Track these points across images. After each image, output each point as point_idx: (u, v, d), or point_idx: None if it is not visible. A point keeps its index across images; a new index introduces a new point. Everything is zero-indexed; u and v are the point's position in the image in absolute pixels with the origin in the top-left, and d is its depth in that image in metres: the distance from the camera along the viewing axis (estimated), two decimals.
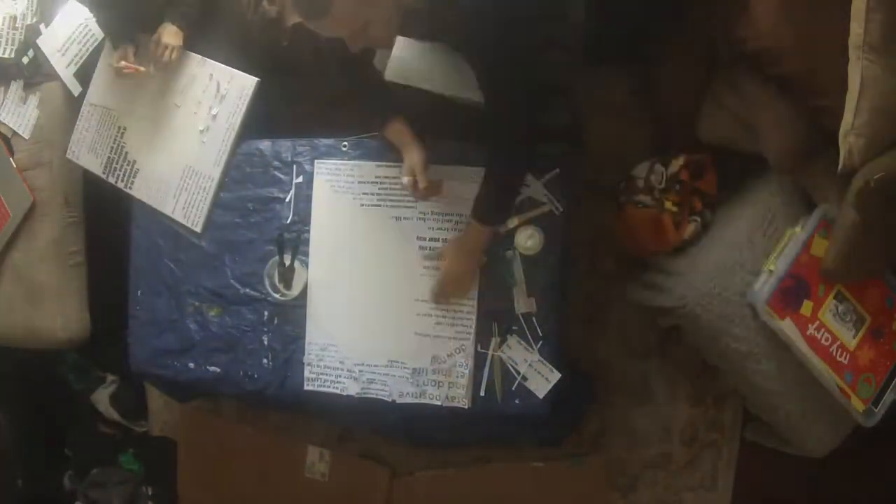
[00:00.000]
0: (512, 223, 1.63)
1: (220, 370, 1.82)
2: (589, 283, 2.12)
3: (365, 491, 2.20)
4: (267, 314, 1.79)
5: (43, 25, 2.13)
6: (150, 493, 2.36)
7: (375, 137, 1.70)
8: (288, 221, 1.78)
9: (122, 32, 1.90)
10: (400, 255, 1.69)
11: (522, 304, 1.63)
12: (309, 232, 1.75)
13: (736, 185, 1.82)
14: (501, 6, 1.34)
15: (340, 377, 1.72)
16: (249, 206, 1.82)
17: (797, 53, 1.49)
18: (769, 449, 1.93)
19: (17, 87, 2.17)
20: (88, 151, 2.03)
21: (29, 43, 2.12)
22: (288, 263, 1.74)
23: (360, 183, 1.72)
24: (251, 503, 2.29)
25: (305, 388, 1.74)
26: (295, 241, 1.76)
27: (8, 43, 2.14)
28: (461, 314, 1.65)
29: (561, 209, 1.63)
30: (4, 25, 2.14)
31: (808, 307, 1.64)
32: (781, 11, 1.48)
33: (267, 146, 1.81)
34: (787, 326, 1.62)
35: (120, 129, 1.98)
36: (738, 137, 1.76)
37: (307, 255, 1.75)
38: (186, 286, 1.86)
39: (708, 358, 1.88)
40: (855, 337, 1.68)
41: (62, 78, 2.10)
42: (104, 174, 2.00)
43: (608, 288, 2.11)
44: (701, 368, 2.09)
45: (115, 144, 1.99)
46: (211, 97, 1.85)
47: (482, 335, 1.65)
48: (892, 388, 1.70)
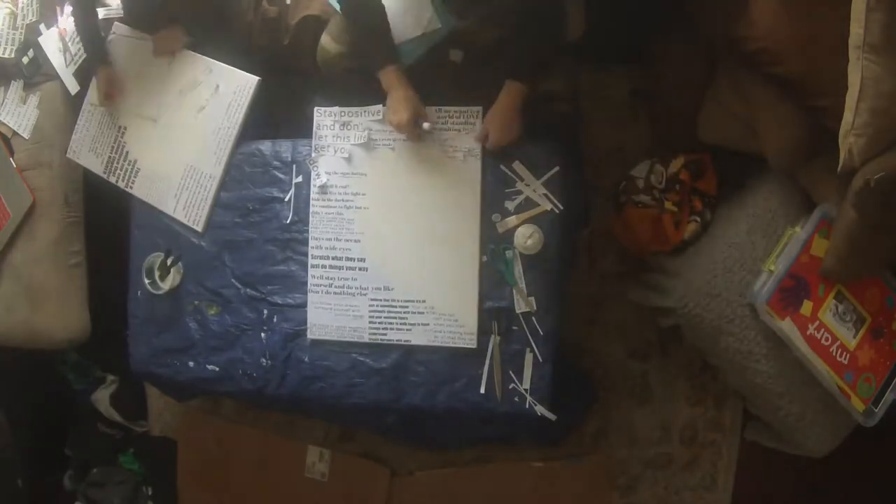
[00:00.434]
0: (511, 222, 1.63)
1: (219, 369, 1.82)
2: (589, 283, 2.12)
3: (365, 491, 2.20)
4: (266, 313, 1.79)
5: (43, 25, 2.13)
6: (150, 493, 2.36)
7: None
8: (288, 221, 1.78)
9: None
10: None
11: (522, 303, 1.63)
12: (308, 231, 1.75)
13: (736, 185, 1.82)
14: None
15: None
16: (249, 205, 1.81)
17: (797, 53, 1.49)
18: (769, 449, 1.93)
19: (17, 87, 2.16)
20: (89, 151, 2.03)
21: (29, 43, 2.12)
22: (169, 264, 1.85)
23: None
24: (251, 503, 2.29)
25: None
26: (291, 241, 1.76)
27: (8, 43, 2.14)
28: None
29: (560, 208, 1.63)
30: (4, 25, 2.14)
31: (808, 307, 1.64)
32: (781, 11, 1.49)
33: (267, 146, 1.81)
34: (787, 326, 1.62)
35: (120, 128, 1.98)
36: (738, 137, 1.76)
37: (306, 254, 1.75)
38: (186, 285, 1.86)
39: (708, 358, 1.88)
40: (855, 337, 1.68)
41: (62, 78, 2.10)
42: (105, 174, 2.00)
43: (608, 288, 2.11)
44: (701, 368, 2.10)
45: (115, 144, 1.99)
46: (212, 96, 1.86)
47: (482, 334, 1.65)
48: (892, 387, 1.70)
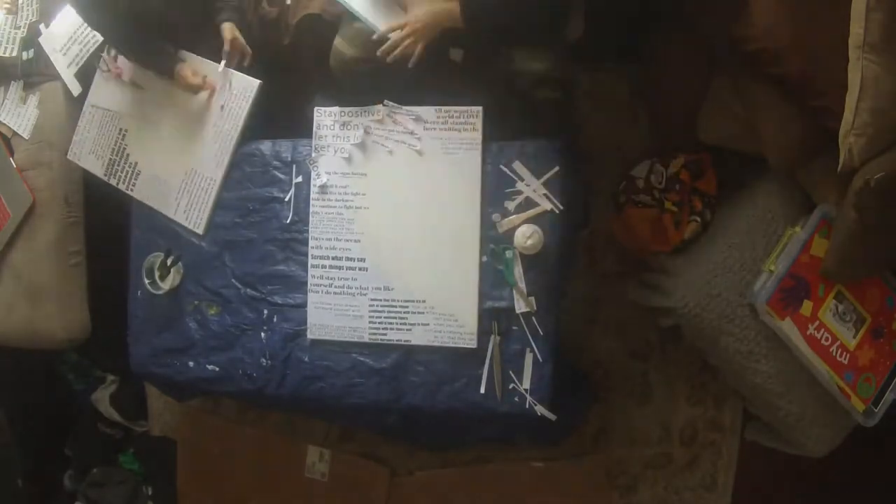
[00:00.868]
0: (511, 222, 1.63)
1: (219, 369, 1.82)
2: (589, 283, 2.12)
3: (365, 491, 2.20)
4: (266, 313, 1.79)
5: (43, 25, 2.13)
6: (150, 493, 2.36)
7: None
8: (288, 221, 1.78)
9: (164, 57, 1.85)
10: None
11: (522, 303, 1.63)
12: (308, 231, 1.75)
13: (736, 185, 1.82)
14: None
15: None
16: (249, 206, 1.81)
17: (796, 53, 1.49)
18: (769, 449, 1.93)
19: (17, 87, 2.16)
20: (90, 153, 2.03)
21: (29, 42, 2.12)
22: (169, 264, 1.84)
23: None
24: (251, 503, 2.29)
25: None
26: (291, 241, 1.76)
27: (8, 42, 2.14)
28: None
29: (560, 208, 1.63)
30: (5, 24, 2.14)
31: (808, 307, 1.64)
32: (780, 11, 1.49)
33: (267, 146, 1.81)
34: (787, 326, 1.62)
35: (121, 130, 1.98)
36: (738, 137, 1.76)
37: (306, 254, 1.75)
38: (186, 285, 1.86)
39: (708, 358, 1.87)
40: (855, 337, 1.68)
41: (63, 78, 2.09)
42: (105, 176, 2.00)
43: (608, 288, 2.11)
44: (701, 368, 2.10)
45: (116, 146, 1.98)
46: (213, 99, 1.84)
47: (482, 334, 1.65)
48: (892, 387, 1.71)
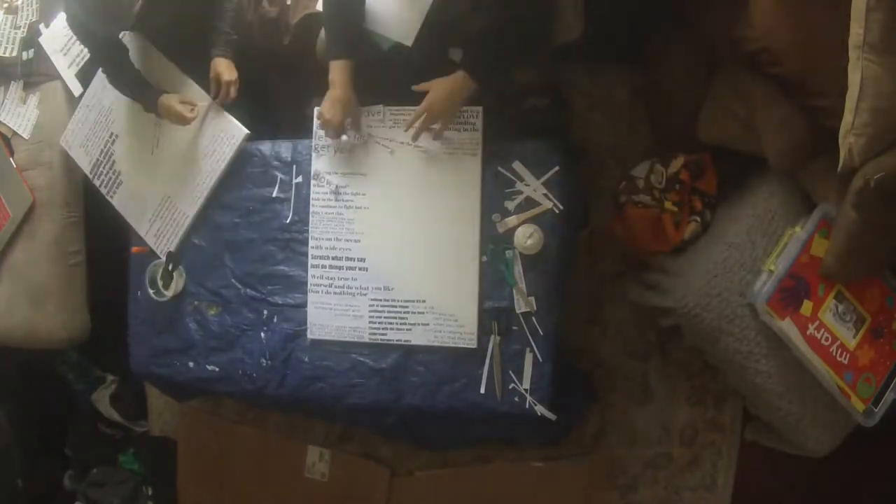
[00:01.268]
0: (511, 222, 1.63)
1: (219, 369, 1.82)
2: (589, 283, 2.12)
3: (365, 491, 2.20)
4: (266, 313, 1.79)
5: (43, 25, 2.13)
6: (150, 493, 2.36)
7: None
8: (288, 221, 1.78)
9: (148, 91, 1.83)
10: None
11: (522, 303, 1.63)
12: (308, 231, 1.75)
13: (736, 185, 1.82)
14: None
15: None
16: (249, 205, 1.81)
17: (796, 53, 1.49)
18: (769, 449, 1.93)
19: (17, 87, 2.16)
20: (80, 146, 2.02)
21: (29, 42, 2.12)
22: (170, 269, 1.83)
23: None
24: (251, 503, 2.29)
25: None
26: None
27: (8, 42, 2.14)
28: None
29: (560, 208, 1.63)
30: (5, 24, 2.14)
31: (808, 307, 1.64)
32: (780, 11, 1.48)
33: (267, 146, 1.81)
34: (787, 326, 1.62)
35: (112, 135, 1.97)
36: (738, 137, 1.76)
37: (306, 255, 1.75)
38: (186, 286, 1.86)
39: (708, 358, 1.87)
40: (855, 337, 1.68)
41: (63, 78, 2.10)
42: (90, 175, 2.00)
43: (608, 288, 2.11)
44: (701, 368, 2.09)
45: (105, 148, 1.98)
46: (202, 137, 1.84)
47: (482, 334, 1.65)
48: (892, 387, 1.70)
